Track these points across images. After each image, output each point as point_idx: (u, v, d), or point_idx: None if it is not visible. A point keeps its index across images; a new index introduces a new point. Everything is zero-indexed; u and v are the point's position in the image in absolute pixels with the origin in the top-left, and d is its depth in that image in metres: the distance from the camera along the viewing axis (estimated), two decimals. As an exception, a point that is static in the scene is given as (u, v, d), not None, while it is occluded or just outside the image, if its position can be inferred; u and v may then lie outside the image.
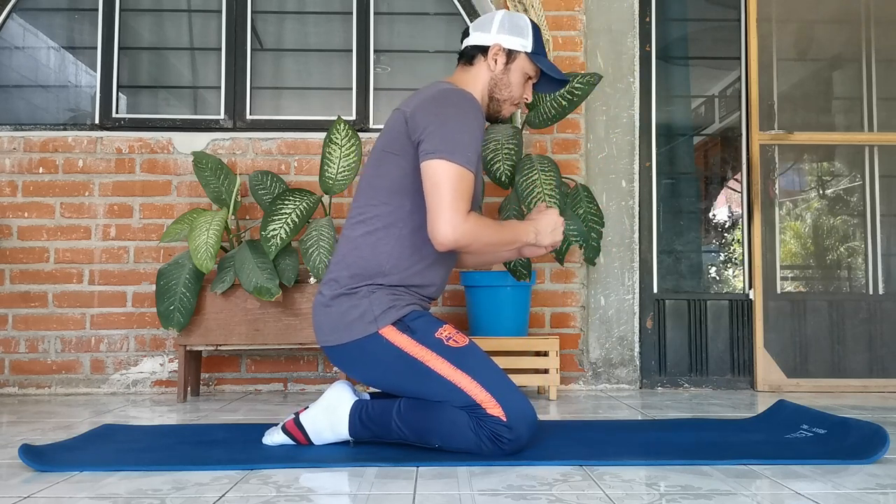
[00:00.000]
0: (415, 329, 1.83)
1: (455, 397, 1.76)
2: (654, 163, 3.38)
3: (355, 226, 1.92)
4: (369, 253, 1.87)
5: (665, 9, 3.45)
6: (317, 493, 1.49)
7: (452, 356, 1.79)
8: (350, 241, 1.91)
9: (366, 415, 1.86)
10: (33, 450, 1.75)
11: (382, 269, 1.86)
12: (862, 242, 3.42)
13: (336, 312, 1.87)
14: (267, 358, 3.26)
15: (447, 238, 1.78)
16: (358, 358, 1.88)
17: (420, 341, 1.81)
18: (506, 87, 2.00)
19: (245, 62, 3.41)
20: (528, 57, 2.00)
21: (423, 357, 1.80)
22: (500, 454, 1.74)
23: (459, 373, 1.77)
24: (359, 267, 1.87)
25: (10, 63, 3.43)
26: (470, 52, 2.01)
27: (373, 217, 1.89)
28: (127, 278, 3.24)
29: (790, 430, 2.09)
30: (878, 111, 3.44)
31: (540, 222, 1.96)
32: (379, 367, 1.86)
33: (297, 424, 1.90)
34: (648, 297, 3.34)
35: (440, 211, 1.77)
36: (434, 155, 1.79)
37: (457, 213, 1.77)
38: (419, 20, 3.51)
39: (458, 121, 1.82)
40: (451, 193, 1.77)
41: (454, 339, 1.83)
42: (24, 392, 3.19)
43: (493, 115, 2.05)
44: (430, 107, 1.85)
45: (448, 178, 1.77)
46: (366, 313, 1.84)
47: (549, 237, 1.96)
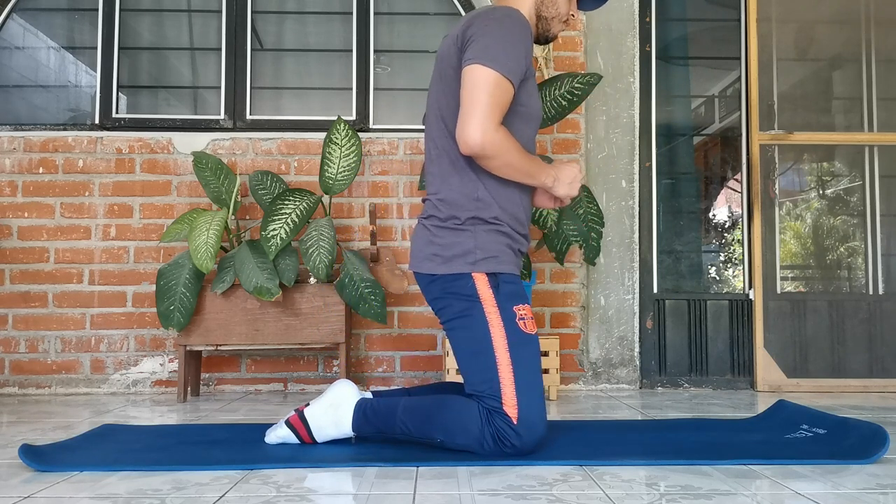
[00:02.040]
0: (502, 290, 1.83)
1: (484, 374, 1.77)
2: (654, 163, 3.38)
3: (435, 161, 1.92)
4: (458, 183, 1.87)
5: (665, 9, 3.45)
6: (317, 493, 1.49)
7: (513, 336, 1.79)
8: (436, 177, 1.91)
9: (370, 409, 1.86)
10: (33, 450, 1.75)
11: (475, 195, 1.86)
12: (862, 242, 3.42)
13: (440, 243, 1.87)
14: (267, 358, 3.26)
15: (475, 140, 1.75)
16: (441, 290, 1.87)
17: (499, 303, 1.81)
18: (552, 4, 2.01)
19: (245, 62, 3.41)
20: None
21: (491, 320, 1.80)
22: (499, 455, 1.74)
23: (507, 357, 1.77)
24: (454, 200, 1.87)
25: (10, 63, 3.43)
26: None
27: (449, 148, 1.88)
28: (127, 278, 3.24)
29: (790, 430, 2.09)
30: (878, 111, 3.44)
31: (561, 171, 1.95)
32: (455, 308, 1.85)
33: (301, 418, 1.90)
34: (648, 297, 3.34)
35: (473, 113, 1.75)
36: (474, 60, 1.77)
37: (489, 119, 1.75)
38: (419, 20, 3.51)
39: (502, 32, 1.81)
40: (486, 98, 1.75)
41: (525, 322, 1.83)
42: (24, 392, 3.19)
43: (543, 34, 2.05)
44: (476, 21, 1.84)
45: (485, 83, 1.76)
46: (469, 253, 1.84)
47: (566, 188, 1.95)
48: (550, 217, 2.86)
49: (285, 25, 3.51)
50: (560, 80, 2.93)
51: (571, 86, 2.94)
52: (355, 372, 3.25)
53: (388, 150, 3.33)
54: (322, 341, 2.94)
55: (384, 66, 3.48)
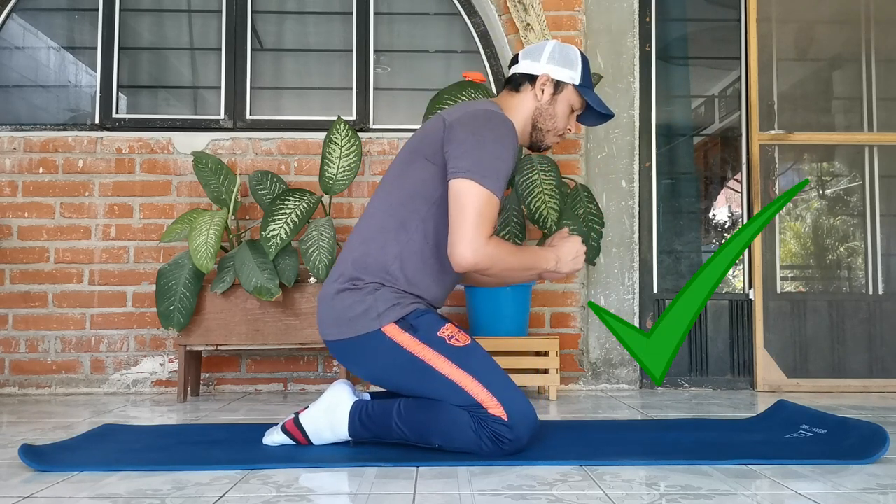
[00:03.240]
0: (417, 327, 1.82)
1: (457, 396, 1.76)
2: (654, 163, 3.38)
3: (369, 220, 1.92)
4: (377, 251, 1.87)
5: (665, 9, 3.45)
6: (317, 493, 1.49)
7: (454, 355, 1.79)
8: (361, 235, 1.91)
9: (366, 415, 1.86)
10: (33, 450, 1.75)
11: (388, 269, 1.86)
12: (862, 242, 3.42)
13: (340, 307, 1.87)
14: (267, 358, 3.26)
15: (466, 260, 1.77)
16: (359, 354, 1.88)
17: (422, 340, 1.81)
18: (550, 118, 2.00)
19: (245, 62, 3.41)
20: (575, 89, 1.99)
21: (425, 356, 1.79)
22: (499, 454, 1.75)
23: (461, 372, 1.77)
24: (365, 263, 1.87)
25: (10, 63, 3.43)
26: (517, 80, 2.01)
27: (388, 216, 1.89)
28: (127, 278, 3.24)
29: (790, 430, 2.09)
30: (878, 111, 3.44)
31: (561, 249, 1.95)
32: (380, 365, 1.86)
33: (296, 424, 1.90)
34: (648, 297, 3.34)
35: (463, 232, 1.76)
36: (465, 174, 1.78)
37: (479, 236, 1.76)
38: (419, 20, 3.51)
39: (496, 147, 1.81)
40: (475, 216, 1.76)
41: (456, 339, 1.83)
42: (24, 392, 3.19)
43: (536, 143, 2.04)
44: (471, 123, 1.84)
45: (475, 200, 1.77)
46: (370, 310, 1.83)
47: (570, 265, 1.95)
48: (550, 217, 2.86)
49: (285, 25, 3.51)
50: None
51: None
52: (355, 372, 3.25)
53: (388, 150, 3.33)
54: (322, 341, 2.93)
55: (384, 66, 3.48)
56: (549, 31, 3.27)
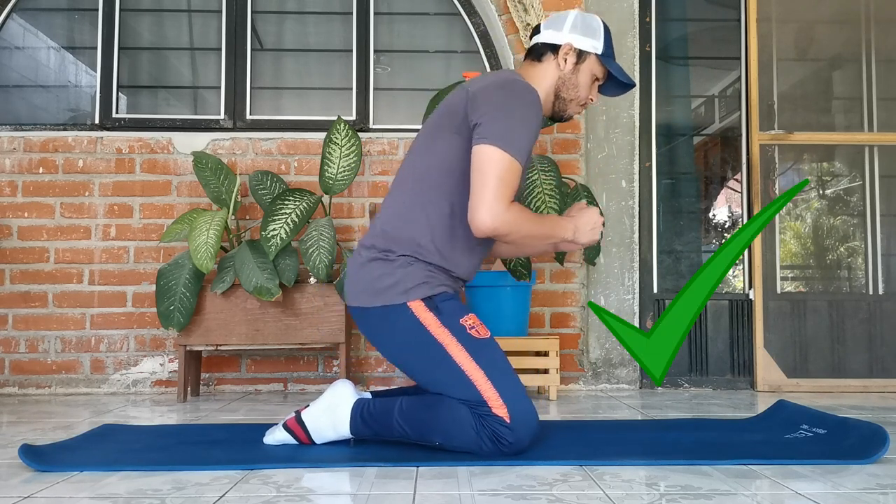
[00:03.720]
0: (442, 310, 1.83)
1: (463, 389, 1.76)
2: (654, 163, 3.38)
3: (398, 193, 1.92)
4: (407, 223, 1.87)
5: (665, 9, 3.45)
6: (317, 493, 1.49)
7: (472, 346, 1.79)
8: (391, 208, 1.92)
9: (367, 413, 1.86)
10: (33, 450, 1.75)
11: (418, 241, 1.86)
12: (862, 242, 3.42)
13: (369, 276, 1.87)
14: (267, 358, 3.26)
15: (486, 225, 1.77)
16: (382, 325, 1.88)
17: (444, 323, 1.81)
18: (573, 88, 1.99)
19: (245, 62, 3.41)
20: (597, 58, 1.99)
21: (444, 340, 1.80)
22: (498, 455, 1.74)
23: (474, 365, 1.77)
24: (396, 235, 1.87)
25: (10, 63, 3.43)
26: (539, 49, 2.00)
27: (416, 188, 1.89)
28: (127, 278, 3.24)
29: (790, 430, 2.09)
30: (878, 111, 3.44)
31: (580, 219, 1.95)
32: (398, 340, 1.86)
33: (298, 422, 1.90)
34: (648, 297, 3.34)
35: (483, 197, 1.76)
36: (487, 140, 1.78)
37: (499, 202, 1.76)
38: (419, 20, 3.51)
39: (519, 113, 1.81)
40: (496, 181, 1.76)
41: (477, 330, 1.83)
42: (24, 392, 3.19)
43: (558, 113, 2.04)
44: (494, 92, 1.84)
45: (496, 166, 1.77)
46: (399, 283, 1.84)
47: (588, 235, 1.96)
48: (550, 217, 2.86)
49: (285, 25, 3.51)
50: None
51: (571, 86, 2.93)
52: (355, 372, 3.25)
53: (388, 150, 3.33)
54: (322, 341, 2.94)
55: (384, 66, 3.48)
56: (549, 31, 3.27)
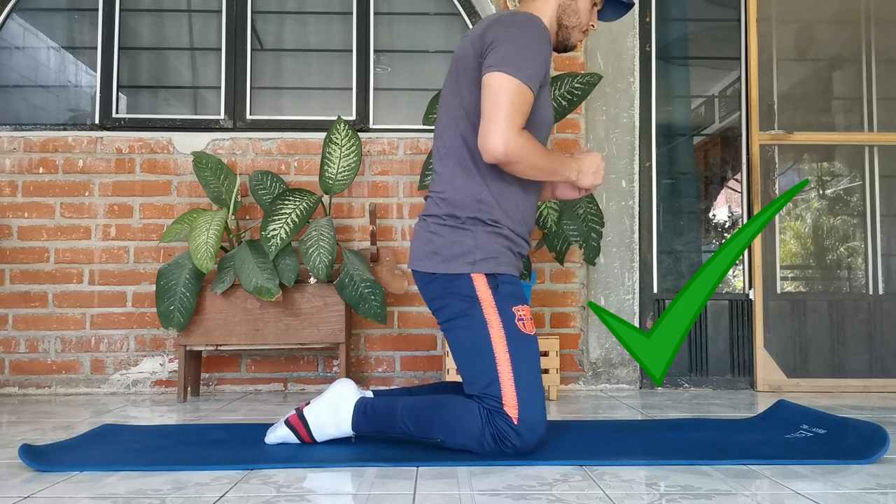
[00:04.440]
0: (501, 291, 1.83)
1: (485, 375, 1.77)
2: (654, 163, 3.38)
3: (443, 159, 1.92)
4: (462, 185, 1.87)
5: (665, 9, 3.45)
6: (317, 493, 1.49)
7: (512, 337, 1.80)
8: (442, 176, 1.92)
9: (371, 409, 1.86)
10: (33, 450, 1.76)
11: (478, 197, 1.86)
12: (862, 242, 3.42)
13: (439, 241, 1.88)
14: (267, 358, 3.26)
15: (497, 149, 1.76)
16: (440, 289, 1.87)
17: (498, 303, 1.81)
18: (574, 14, 2.00)
19: (245, 62, 3.41)
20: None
21: (490, 320, 1.80)
22: (499, 455, 1.74)
23: (506, 357, 1.77)
24: (457, 200, 1.87)
25: (10, 63, 3.43)
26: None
27: (458, 148, 1.89)
28: (127, 278, 3.24)
29: (790, 430, 2.09)
30: (878, 111, 3.44)
31: (584, 161, 1.96)
32: (447, 300, 1.86)
33: (300, 418, 1.90)
34: (648, 297, 3.34)
35: (495, 121, 1.76)
36: (495, 68, 1.78)
37: (510, 127, 1.76)
38: (419, 20, 3.51)
39: (524, 40, 1.81)
40: (507, 106, 1.76)
41: (525, 323, 1.83)
42: (24, 392, 3.19)
43: (563, 42, 2.04)
44: (497, 26, 1.84)
45: (507, 91, 1.76)
46: (468, 253, 1.84)
47: (591, 178, 1.96)
48: (550, 217, 2.86)
49: (285, 25, 3.51)
50: (560, 80, 2.93)
51: (571, 86, 2.94)
52: (355, 372, 3.25)
53: (388, 150, 3.33)
54: (322, 341, 2.94)
55: (384, 66, 3.48)
56: (549, 31, 3.27)
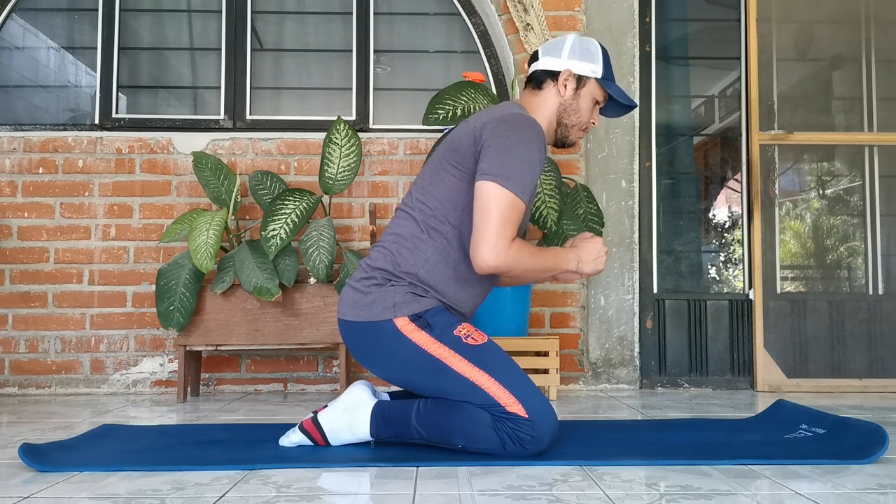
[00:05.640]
0: (433, 325, 1.82)
1: (474, 395, 1.76)
2: (654, 163, 3.38)
3: (400, 221, 1.93)
4: (408, 253, 1.87)
5: (665, 9, 3.45)
6: (317, 493, 1.49)
7: (471, 354, 1.79)
8: (393, 236, 1.91)
9: (387, 415, 1.85)
10: (33, 450, 1.75)
11: (417, 272, 1.86)
12: (862, 242, 3.42)
13: (360, 291, 1.88)
14: (267, 358, 3.26)
15: (487, 263, 1.77)
16: (373, 344, 1.87)
17: (438, 338, 1.80)
18: (574, 113, 1.99)
19: (245, 62, 3.41)
20: (597, 82, 1.99)
21: (441, 355, 1.79)
22: (523, 454, 1.73)
23: (478, 370, 1.76)
24: (394, 265, 1.87)
25: (10, 63, 3.43)
26: (539, 77, 2.00)
27: (418, 219, 1.89)
28: (127, 278, 3.24)
29: (790, 430, 2.09)
30: (878, 111, 3.44)
31: (583, 250, 1.95)
32: (394, 361, 1.86)
33: (314, 423, 1.89)
34: (648, 297, 3.34)
35: (486, 234, 1.77)
36: (490, 177, 1.78)
37: (501, 239, 1.77)
38: (419, 20, 3.51)
39: (522, 149, 1.82)
40: (499, 219, 1.77)
41: (472, 337, 1.82)
42: (24, 392, 3.19)
43: (561, 140, 2.04)
44: (497, 128, 1.84)
45: (499, 204, 1.77)
46: (385, 298, 1.84)
47: (591, 265, 1.95)
48: (550, 217, 2.86)
49: (285, 25, 3.51)
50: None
51: (571, 86, 2.93)
52: (355, 372, 3.25)
53: (388, 150, 3.33)
54: (322, 341, 2.94)
55: (384, 66, 3.48)
56: (549, 31, 3.27)
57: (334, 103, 3.43)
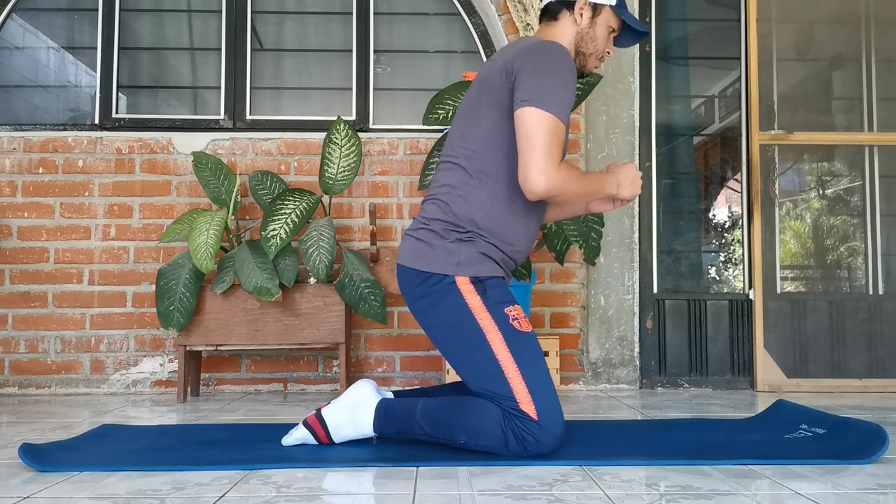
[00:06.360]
0: (489, 294, 1.82)
1: (493, 379, 1.76)
2: (654, 163, 3.38)
3: (447, 172, 1.92)
4: (462, 201, 1.87)
5: (665, 9, 3.45)
6: (317, 493, 1.49)
7: (511, 337, 1.79)
8: (445, 187, 1.91)
9: (391, 411, 1.86)
10: (33, 450, 1.75)
11: (474, 218, 1.86)
12: (862, 242, 3.42)
13: (424, 240, 1.88)
14: (267, 358, 3.26)
15: (540, 187, 1.78)
16: (427, 295, 1.86)
17: (489, 308, 1.80)
18: (591, 41, 2.01)
19: (245, 62, 3.41)
20: (611, 10, 2.02)
21: (486, 327, 1.79)
22: (524, 455, 1.73)
23: (510, 357, 1.77)
24: (451, 214, 1.87)
25: (10, 63, 3.43)
26: (554, 9, 2.02)
27: (465, 165, 1.89)
28: (127, 278, 3.24)
29: (790, 430, 2.09)
30: (878, 111, 3.44)
31: (621, 174, 1.98)
32: (440, 316, 1.85)
33: (318, 419, 1.90)
34: (648, 297, 3.34)
35: (533, 159, 1.77)
36: (528, 103, 1.79)
37: (550, 163, 1.77)
38: (419, 20, 3.51)
39: (554, 72, 1.83)
40: (544, 142, 1.77)
41: (520, 322, 1.83)
42: (24, 392, 3.19)
43: (579, 69, 2.05)
44: (526, 57, 1.85)
45: (542, 127, 1.77)
46: (451, 254, 1.84)
47: (629, 189, 1.99)
48: (550, 217, 2.86)
49: (285, 25, 3.51)
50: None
51: (571, 86, 2.93)
52: (355, 372, 3.25)
53: (388, 150, 3.33)
54: (322, 341, 2.94)
55: (384, 66, 3.48)
56: (549, 31, 3.27)
57: (334, 103, 3.43)
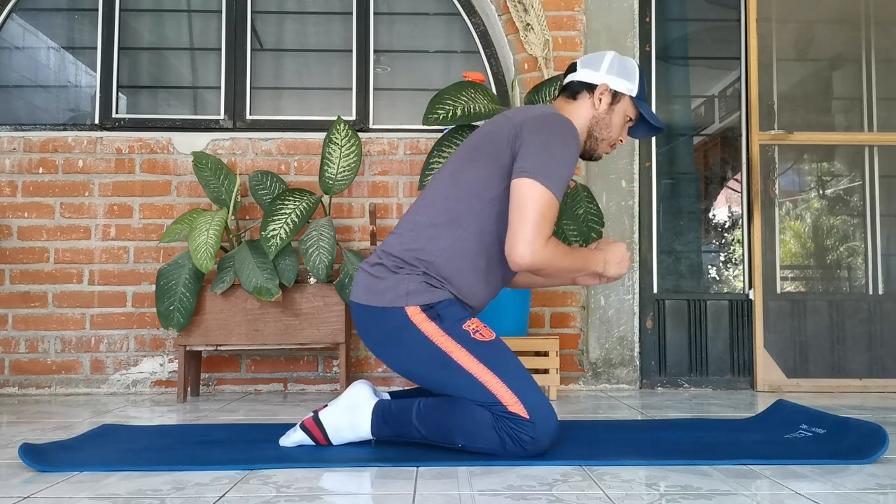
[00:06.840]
0: (443, 317, 1.82)
1: (476, 392, 1.76)
2: (654, 163, 3.38)
3: (421, 210, 1.93)
4: (426, 242, 1.87)
5: (665, 9, 3.45)
6: (317, 493, 1.49)
7: (478, 350, 1.79)
8: (411, 224, 1.92)
9: (388, 413, 1.85)
10: (33, 450, 1.75)
11: (433, 261, 1.86)
12: (862, 242, 3.42)
13: (373, 277, 1.89)
14: (267, 358, 3.26)
15: (524, 259, 1.78)
16: (382, 331, 1.87)
17: (447, 331, 1.80)
18: (606, 127, 2.02)
19: (245, 62, 3.41)
20: (631, 100, 2.02)
21: (448, 348, 1.79)
22: (522, 454, 1.73)
23: (483, 368, 1.76)
24: (412, 251, 1.87)
25: (10, 63, 3.43)
26: (575, 88, 2.02)
27: (441, 210, 1.89)
28: (127, 278, 3.24)
29: (790, 430, 2.09)
30: (878, 111, 3.44)
31: (609, 253, 1.98)
32: (401, 349, 1.86)
33: (315, 422, 1.89)
34: (648, 297, 3.34)
35: (522, 230, 1.78)
36: (529, 174, 1.79)
37: (539, 237, 1.78)
38: (419, 20, 3.51)
39: (561, 150, 1.84)
40: (536, 215, 1.78)
41: (481, 333, 1.82)
42: (24, 392, 3.19)
43: (589, 152, 2.06)
44: (538, 125, 1.86)
45: (537, 201, 1.78)
46: (399, 285, 1.84)
47: (616, 268, 1.98)
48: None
49: (285, 25, 3.51)
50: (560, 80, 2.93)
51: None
52: (355, 372, 3.25)
53: (388, 150, 3.33)
54: (322, 341, 2.94)
55: (384, 66, 3.48)
56: (550, 31, 3.27)
57: (334, 103, 3.43)
